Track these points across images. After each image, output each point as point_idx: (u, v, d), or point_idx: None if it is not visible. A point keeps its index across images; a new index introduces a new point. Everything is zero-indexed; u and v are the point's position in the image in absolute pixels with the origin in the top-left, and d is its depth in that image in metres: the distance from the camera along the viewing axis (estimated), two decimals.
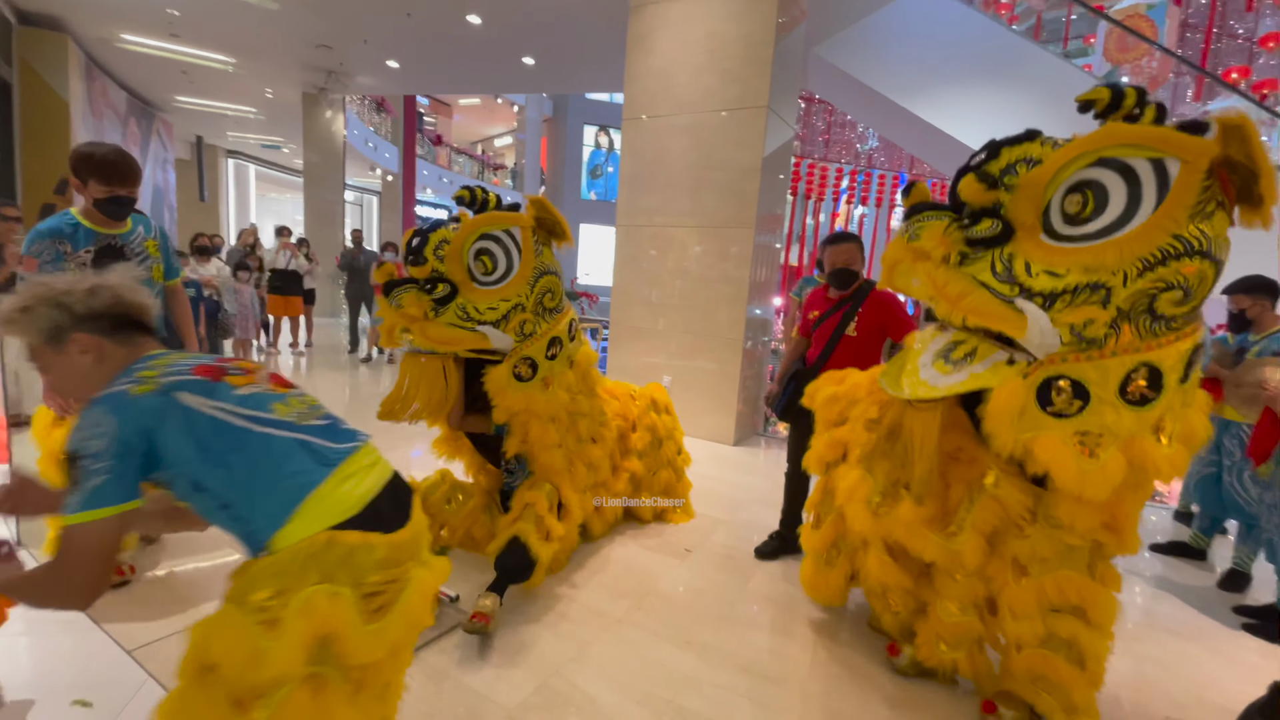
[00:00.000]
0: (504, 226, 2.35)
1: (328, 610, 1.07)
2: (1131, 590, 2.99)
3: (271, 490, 1.11)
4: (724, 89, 4.97)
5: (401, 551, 1.19)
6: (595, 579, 2.72)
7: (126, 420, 1.05)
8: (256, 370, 1.24)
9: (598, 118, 21.35)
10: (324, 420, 1.25)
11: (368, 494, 1.18)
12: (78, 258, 2.24)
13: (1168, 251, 1.36)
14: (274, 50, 9.41)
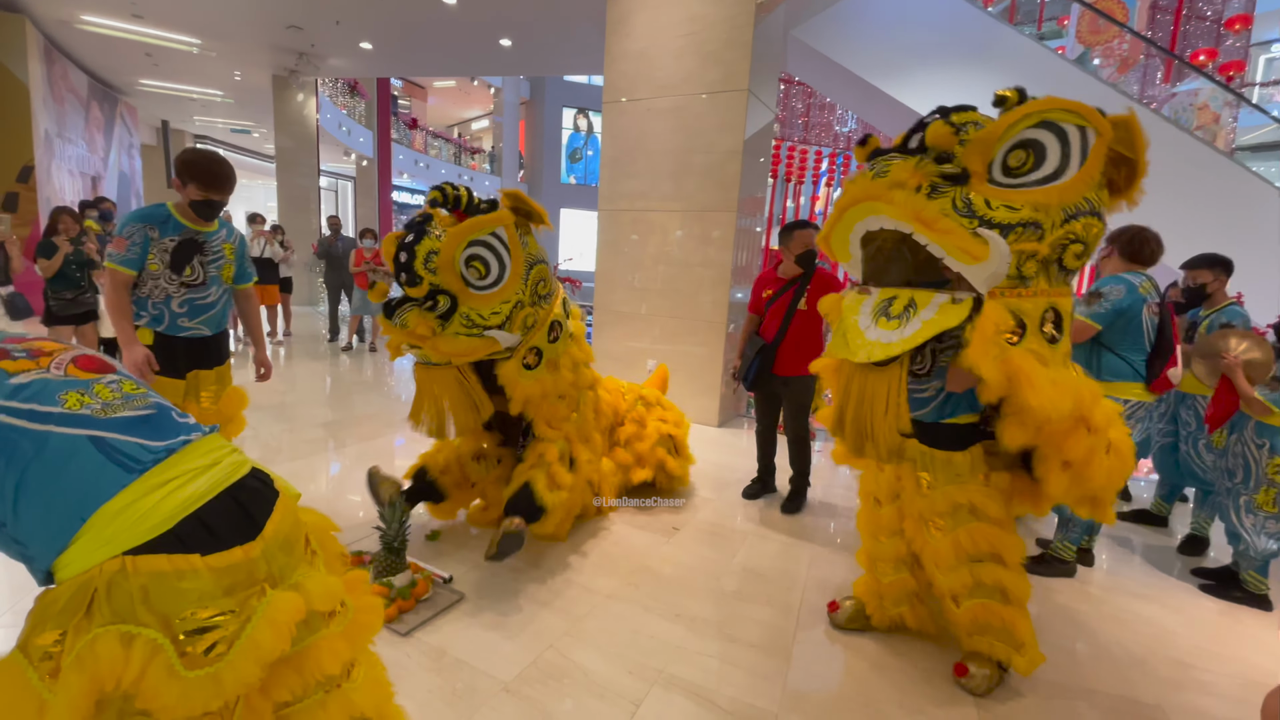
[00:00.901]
0: (489, 230, 2.33)
1: (117, 657, 0.85)
2: (1098, 556, 3.14)
3: (48, 506, 0.88)
4: (705, 72, 4.97)
5: (242, 573, 0.95)
6: (587, 558, 2.78)
7: None
8: (55, 352, 0.98)
9: (576, 100, 21.13)
10: (144, 410, 0.99)
11: (188, 504, 0.93)
12: (161, 244, 2.44)
13: (1081, 208, 1.63)
14: (242, 31, 9.16)
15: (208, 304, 2.58)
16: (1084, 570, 2.97)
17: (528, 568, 2.65)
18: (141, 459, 0.93)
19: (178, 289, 2.49)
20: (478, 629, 2.20)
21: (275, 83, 10.93)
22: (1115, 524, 2.11)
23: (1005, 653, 1.99)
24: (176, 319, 2.51)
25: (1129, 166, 1.67)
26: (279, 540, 1.02)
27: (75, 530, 0.87)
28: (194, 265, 2.50)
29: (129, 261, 2.40)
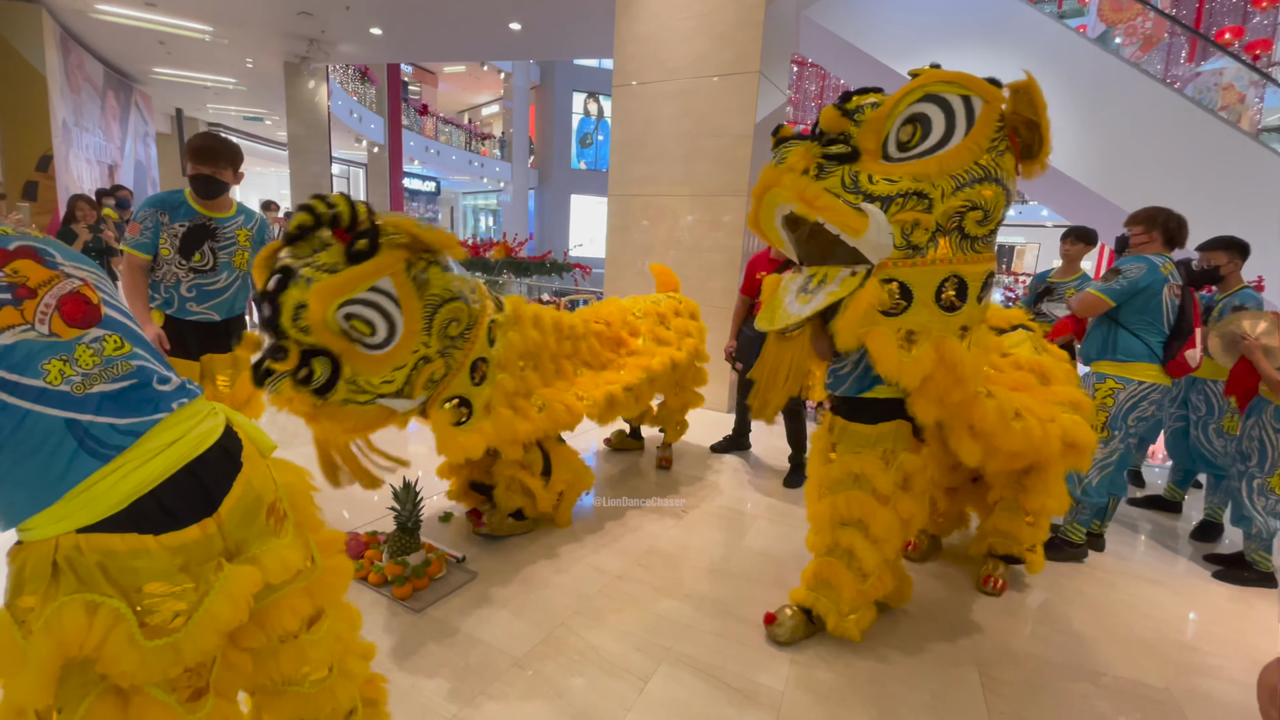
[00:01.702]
0: (366, 286, 1.78)
1: (81, 625, 0.87)
2: (1111, 542, 3.13)
3: (15, 481, 0.87)
4: (715, 54, 4.92)
5: (198, 550, 0.97)
6: (597, 540, 2.82)
7: None
8: (40, 290, 0.89)
9: (586, 84, 20.97)
10: (122, 381, 0.95)
11: (144, 484, 0.92)
12: (171, 229, 2.47)
13: (974, 174, 1.67)
14: (253, 18, 9.18)
15: (217, 289, 2.60)
16: (1095, 555, 2.97)
17: (539, 549, 2.69)
18: (111, 442, 0.91)
19: (186, 274, 2.52)
20: (490, 607, 2.25)
21: (287, 70, 10.97)
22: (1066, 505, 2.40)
23: (826, 608, 2.08)
24: (185, 303, 2.55)
25: (1039, 131, 1.69)
26: (237, 514, 1.02)
27: (37, 511, 0.88)
28: (204, 251, 2.53)
29: (141, 245, 2.45)
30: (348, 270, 1.73)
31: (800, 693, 1.92)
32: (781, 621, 2.14)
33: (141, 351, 0.99)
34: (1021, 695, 1.97)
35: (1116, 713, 1.94)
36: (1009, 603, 2.50)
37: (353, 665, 1.28)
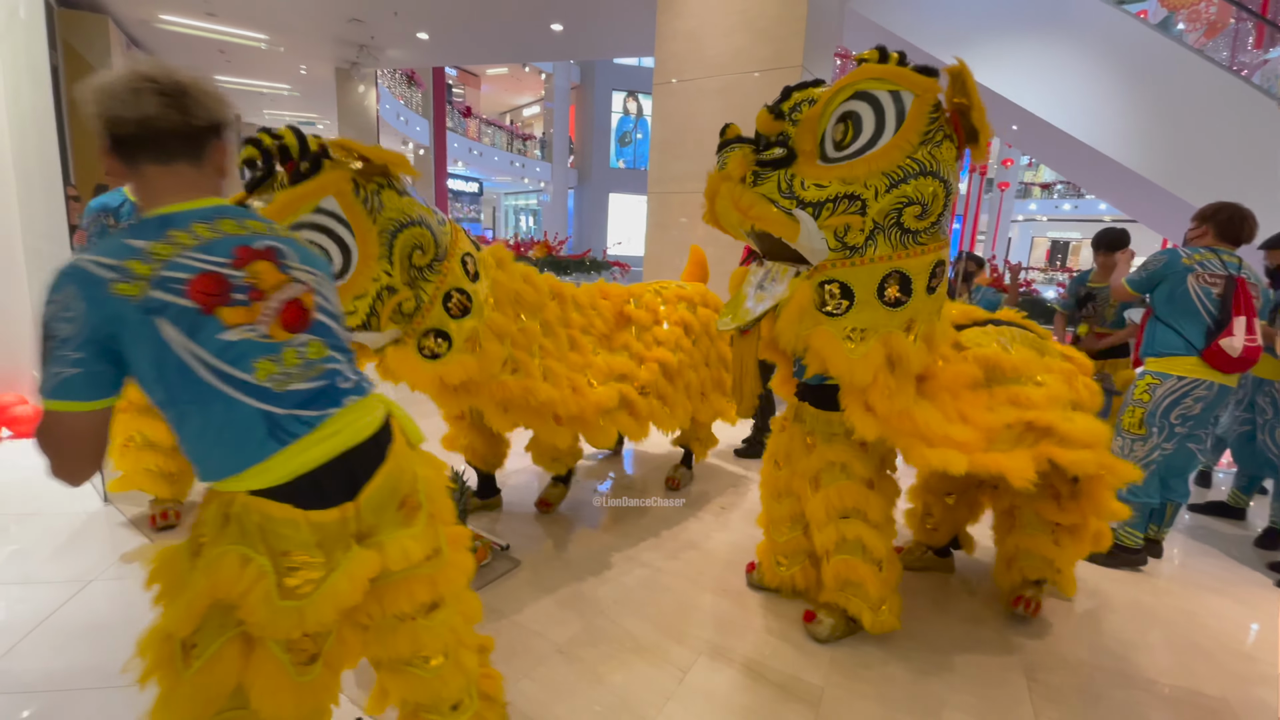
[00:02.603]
0: (309, 206, 1.67)
1: (234, 573, 1.00)
2: (1170, 549, 3.01)
3: (212, 451, 1.02)
4: (756, 49, 4.90)
5: (335, 529, 1.07)
6: (637, 534, 2.86)
7: (96, 315, 0.90)
8: (267, 295, 1.02)
9: (626, 83, 21.06)
10: (315, 383, 1.06)
11: (307, 465, 1.04)
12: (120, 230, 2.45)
13: (907, 170, 1.65)
14: (307, 26, 9.53)
15: None
16: (1153, 562, 2.87)
17: (580, 541, 2.74)
18: (293, 430, 1.03)
19: None
20: (532, 594, 2.31)
21: (338, 75, 11.34)
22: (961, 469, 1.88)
23: (858, 608, 2.08)
24: None
25: (970, 118, 1.66)
26: (373, 502, 1.12)
27: (227, 476, 1.02)
28: None
29: None
30: (286, 193, 1.64)
31: (840, 690, 1.92)
32: (821, 620, 2.14)
33: (336, 355, 1.11)
34: (1071, 701, 1.93)
35: None
36: (1059, 608, 2.43)
37: (465, 657, 1.34)
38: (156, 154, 1.02)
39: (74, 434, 0.95)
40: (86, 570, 2.33)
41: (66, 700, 1.71)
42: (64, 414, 0.93)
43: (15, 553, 2.46)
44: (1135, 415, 2.69)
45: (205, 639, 1.04)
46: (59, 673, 1.82)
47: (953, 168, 1.72)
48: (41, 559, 2.41)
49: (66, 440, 0.95)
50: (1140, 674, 2.08)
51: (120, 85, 0.98)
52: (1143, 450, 2.69)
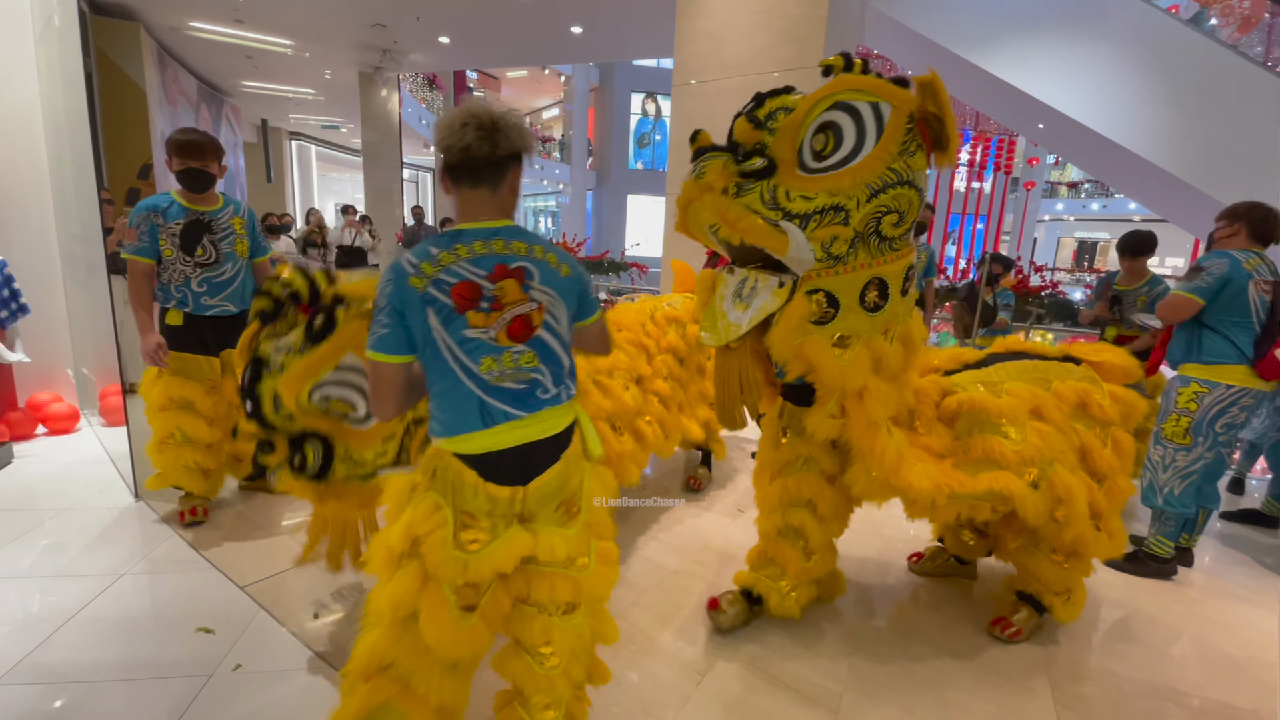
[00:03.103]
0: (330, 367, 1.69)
1: (427, 515, 1.26)
2: (1202, 557, 2.94)
3: (444, 411, 1.30)
4: (776, 49, 4.88)
5: (504, 505, 1.30)
6: (653, 536, 2.86)
7: (397, 297, 1.24)
8: (505, 307, 1.27)
9: (645, 84, 21.07)
10: (521, 385, 1.30)
11: (495, 446, 1.28)
12: (169, 229, 2.54)
13: (887, 180, 1.65)
14: (331, 32, 9.68)
15: (225, 280, 2.65)
16: (1183, 571, 2.79)
17: None
18: (497, 418, 1.28)
19: (194, 269, 2.58)
20: None
21: (361, 79, 11.50)
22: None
23: (767, 588, 2.11)
24: (199, 298, 2.61)
25: (938, 126, 1.65)
26: (538, 494, 1.33)
27: (446, 435, 1.29)
28: (204, 245, 2.59)
29: (142, 250, 2.52)
30: (308, 354, 1.67)
31: (858, 695, 1.90)
32: (724, 609, 2.16)
33: (544, 368, 1.33)
34: (1096, 711, 1.88)
35: None
36: (1086, 617, 2.37)
37: (576, 669, 1.44)
38: (470, 178, 1.29)
39: (384, 379, 1.29)
40: (118, 564, 2.39)
41: (97, 691, 1.76)
42: (378, 363, 1.27)
43: (49, 546, 2.54)
44: (1181, 425, 2.59)
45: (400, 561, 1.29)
46: (91, 664, 1.87)
47: (923, 175, 1.75)
48: (74, 553, 2.48)
49: (380, 383, 1.30)
50: (1169, 685, 2.02)
51: (454, 120, 1.26)
52: (1185, 460, 2.61)
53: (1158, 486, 2.66)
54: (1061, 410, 2.03)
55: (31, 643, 1.93)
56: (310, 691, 1.80)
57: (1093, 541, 2.05)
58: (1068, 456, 1.99)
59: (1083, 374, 2.14)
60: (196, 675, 1.83)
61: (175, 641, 1.99)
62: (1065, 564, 2.12)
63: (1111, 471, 2.07)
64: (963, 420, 2.01)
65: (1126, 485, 2.12)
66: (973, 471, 1.93)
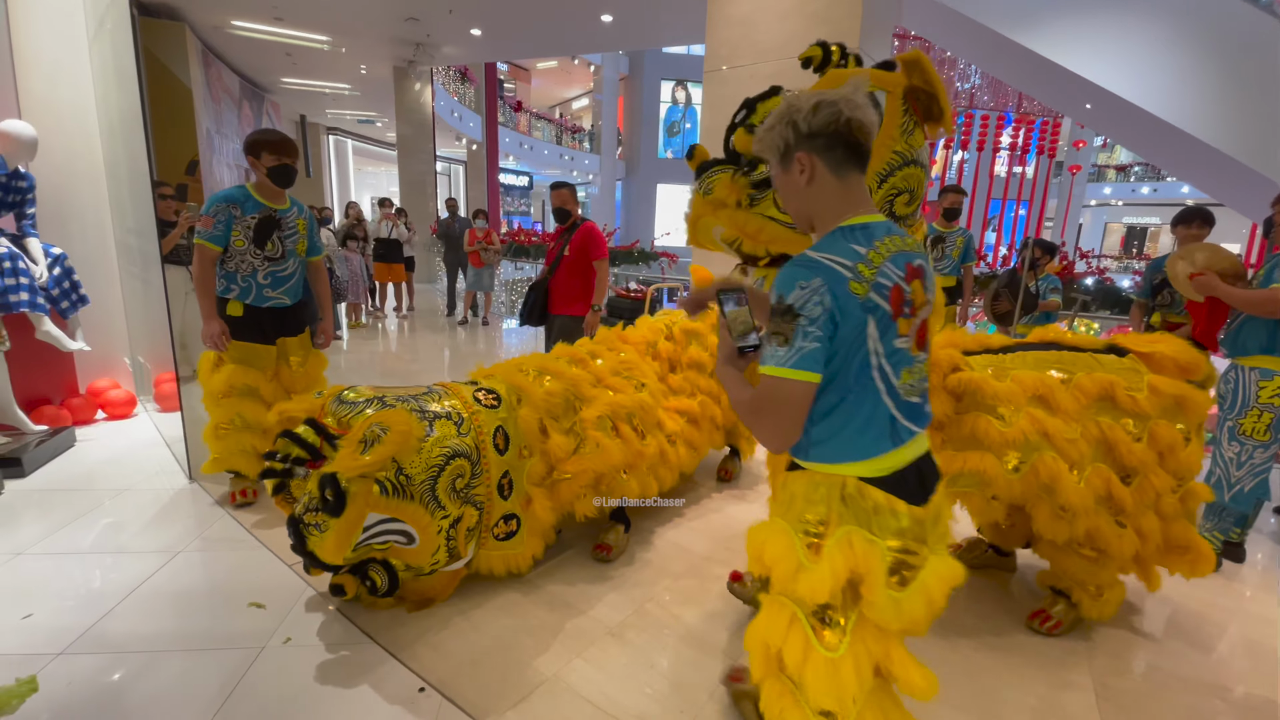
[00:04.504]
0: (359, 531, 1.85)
1: (863, 553, 1.11)
2: (1254, 553, 2.83)
3: (845, 435, 1.13)
4: (810, 32, 4.79)
5: (921, 528, 1.17)
6: (685, 523, 2.88)
7: (840, 311, 1.06)
8: (916, 312, 1.15)
9: (675, 72, 20.91)
10: (917, 400, 1.19)
11: (901, 462, 1.16)
12: (244, 221, 2.66)
13: (893, 164, 1.65)
14: (366, 27, 9.84)
15: (287, 275, 2.80)
16: (1233, 566, 2.70)
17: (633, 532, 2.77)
18: (902, 436, 1.16)
19: (262, 262, 2.71)
20: (584, 577, 2.36)
21: (396, 74, 11.67)
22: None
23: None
24: (261, 290, 2.74)
25: (936, 99, 1.65)
26: (933, 512, 1.21)
27: (839, 461, 1.15)
28: (274, 240, 2.72)
29: (215, 238, 2.62)
30: (333, 528, 1.79)
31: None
32: (747, 583, 2.17)
33: (927, 379, 1.23)
34: (1139, 706, 1.84)
35: None
36: (1129, 612, 2.32)
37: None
38: (861, 163, 1.15)
39: (792, 400, 1.09)
40: (174, 542, 2.51)
41: (155, 660, 1.86)
42: (793, 382, 1.07)
43: (110, 525, 2.67)
44: (1264, 420, 2.49)
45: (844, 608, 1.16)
46: (150, 635, 1.97)
47: (925, 151, 1.73)
48: (133, 531, 2.61)
49: (785, 405, 1.09)
50: (1214, 680, 1.97)
51: (861, 95, 1.12)
52: (1261, 457, 2.53)
53: (1227, 483, 2.57)
54: (1079, 401, 1.96)
55: (95, 615, 2.04)
56: (355, 665, 1.87)
57: (1115, 538, 1.96)
58: (1077, 447, 1.92)
59: (1122, 365, 2.06)
60: (249, 648, 1.92)
61: (229, 616, 2.08)
62: (1095, 559, 2.05)
63: (1143, 467, 1.96)
64: (968, 398, 2.00)
65: (1162, 481, 1.99)
66: (959, 448, 1.95)
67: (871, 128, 1.12)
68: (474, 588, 2.24)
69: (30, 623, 2.00)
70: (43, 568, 2.32)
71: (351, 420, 1.97)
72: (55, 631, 1.95)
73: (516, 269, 10.00)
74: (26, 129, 3.28)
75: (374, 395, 2.05)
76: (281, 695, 1.74)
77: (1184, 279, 2.82)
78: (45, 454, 3.27)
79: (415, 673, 1.83)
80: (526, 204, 25.24)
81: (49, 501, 2.86)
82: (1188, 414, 2.03)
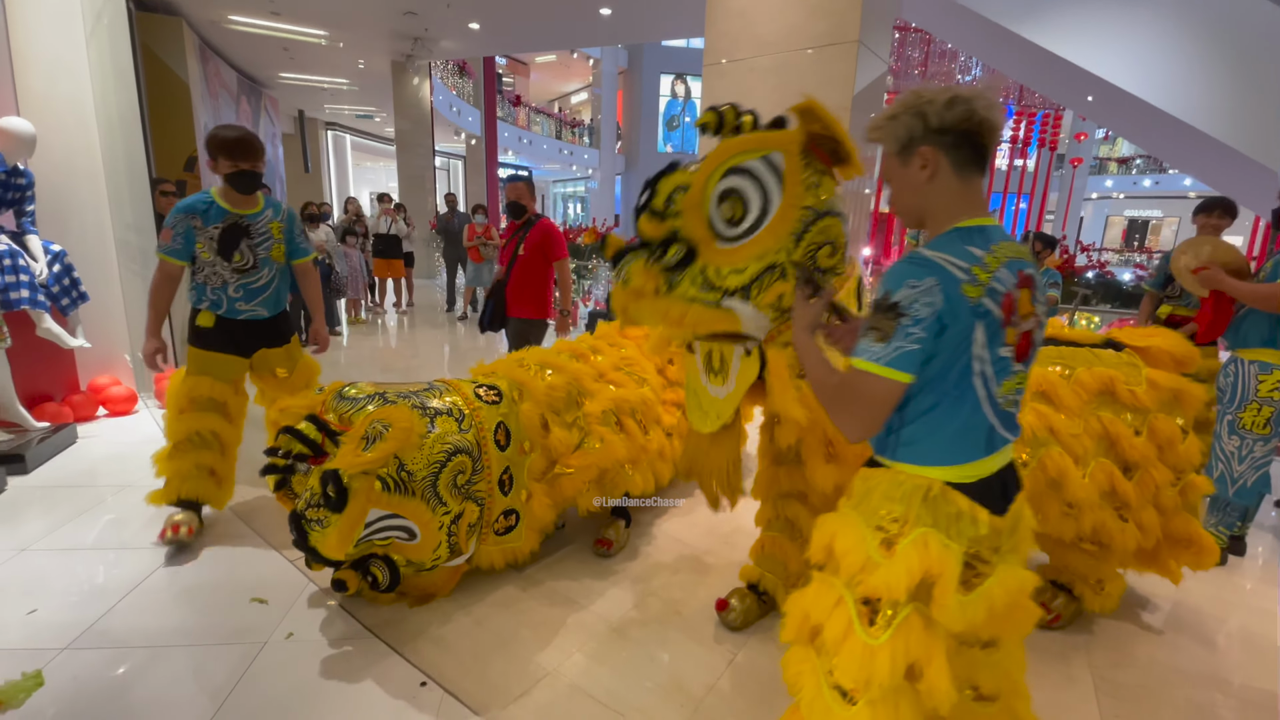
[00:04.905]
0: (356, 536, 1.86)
1: (938, 556, 1.09)
2: (1255, 546, 2.83)
3: (940, 440, 1.12)
4: (810, 24, 4.76)
5: (997, 537, 1.16)
6: (683, 517, 2.89)
7: (950, 314, 1.04)
8: (1025, 319, 1.12)
9: (674, 65, 20.82)
10: (1012, 410, 1.17)
11: (989, 470, 1.16)
12: (206, 233, 2.42)
13: (806, 219, 1.61)
14: (364, 21, 9.78)
15: (261, 286, 2.55)
16: (1234, 560, 2.70)
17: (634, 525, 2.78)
18: (996, 445, 1.16)
19: (231, 274, 2.47)
20: (586, 572, 2.37)
21: (394, 68, 11.62)
22: None
23: (772, 583, 2.09)
24: (234, 303, 2.51)
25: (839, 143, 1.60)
26: (1010, 523, 1.19)
27: (929, 464, 1.14)
28: (242, 250, 2.47)
29: (174, 252, 2.42)
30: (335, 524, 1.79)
31: None
32: (733, 608, 2.09)
33: (1023, 389, 1.20)
34: (1139, 700, 1.85)
35: None
36: (1131, 605, 2.32)
37: (1019, 707, 1.32)
38: (983, 167, 1.13)
39: (879, 397, 1.09)
40: None
41: (159, 655, 1.87)
42: (887, 380, 1.06)
43: (112, 521, 2.68)
44: (1263, 414, 2.50)
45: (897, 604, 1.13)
46: (152, 631, 1.98)
47: (838, 198, 1.70)
48: (135, 528, 2.61)
49: (871, 401, 1.09)
50: (1215, 674, 1.97)
51: (994, 93, 1.10)
52: (1262, 450, 2.53)
53: (1230, 478, 2.58)
54: (1080, 397, 1.97)
55: (99, 610, 2.05)
56: (358, 659, 1.88)
57: (1118, 532, 1.96)
58: (1080, 442, 1.93)
59: (1120, 360, 2.06)
60: (252, 643, 1.93)
61: (231, 611, 2.09)
62: (1096, 553, 2.06)
63: (1145, 461, 1.97)
64: None
65: (1162, 475, 1.98)
66: None
67: (999, 133, 1.11)
68: (475, 583, 2.25)
69: (35, 618, 2.00)
70: (46, 564, 2.33)
71: (353, 417, 1.97)
72: (60, 627, 1.96)
73: None
74: (25, 126, 3.27)
75: (375, 391, 2.06)
76: (284, 689, 1.75)
77: (1187, 272, 2.81)
78: (47, 451, 3.28)
79: (417, 667, 1.84)
80: None
81: (52, 498, 2.87)
82: (1185, 408, 2.03)
